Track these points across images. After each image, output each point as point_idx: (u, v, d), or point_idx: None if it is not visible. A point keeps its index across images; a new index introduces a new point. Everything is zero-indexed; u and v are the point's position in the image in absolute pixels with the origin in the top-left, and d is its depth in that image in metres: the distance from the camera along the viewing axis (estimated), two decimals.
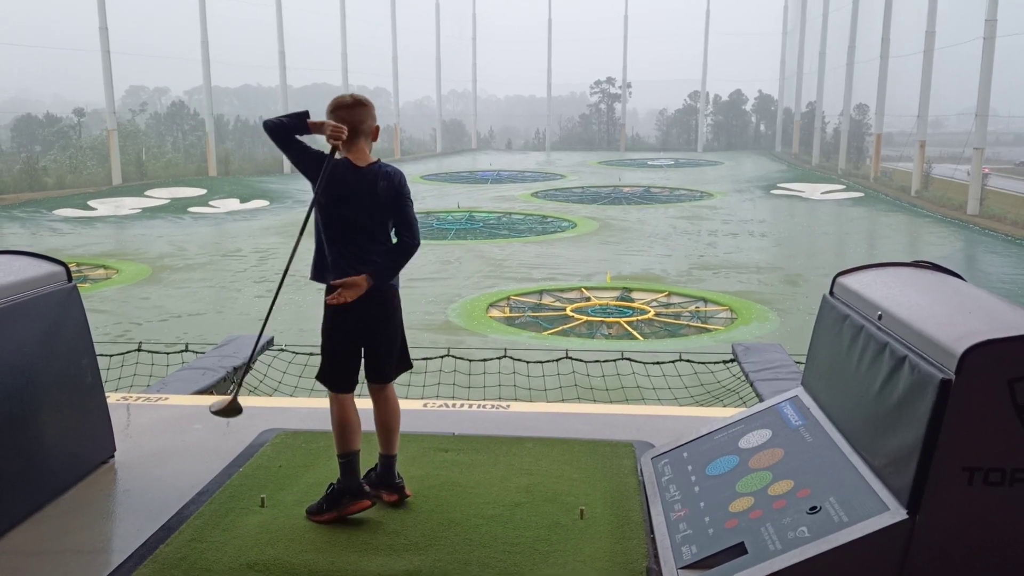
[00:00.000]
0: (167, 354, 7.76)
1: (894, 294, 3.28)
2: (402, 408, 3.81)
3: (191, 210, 25.13)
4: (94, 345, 4.19)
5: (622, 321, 11.55)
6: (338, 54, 42.73)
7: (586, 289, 13.61)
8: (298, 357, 7.23)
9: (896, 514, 2.62)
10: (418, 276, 14.02)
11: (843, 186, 31.35)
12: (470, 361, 7.61)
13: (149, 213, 24.49)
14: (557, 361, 7.50)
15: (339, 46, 42.75)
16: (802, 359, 4.40)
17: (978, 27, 23.26)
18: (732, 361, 7.69)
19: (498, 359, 7.64)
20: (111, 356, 7.06)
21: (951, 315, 2.91)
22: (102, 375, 4.30)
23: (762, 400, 5.62)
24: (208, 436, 4.63)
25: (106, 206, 25.59)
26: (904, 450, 2.66)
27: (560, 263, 16.10)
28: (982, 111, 23.10)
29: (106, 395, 4.32)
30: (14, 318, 3.58)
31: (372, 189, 3.54)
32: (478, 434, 4.60)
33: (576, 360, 7.55)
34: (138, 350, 7.61)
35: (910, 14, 30.48)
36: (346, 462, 3.58)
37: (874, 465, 2.88)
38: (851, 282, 3.60)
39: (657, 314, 12.05)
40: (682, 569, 2.94)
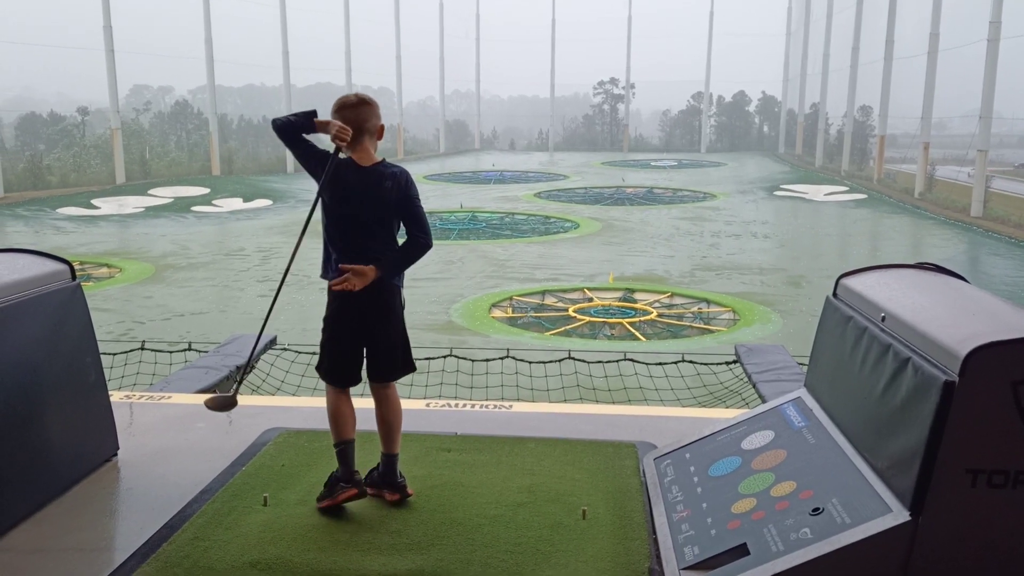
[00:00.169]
0: (170, 353, 7.79)
1: (897, 296, 3.27)
2: (404, 408, 3.83)
3: (194, 209, 25.15)
4: (97, 343, 4.21)
5: (625, 322, 11.54)
6: (342, 54, 42.73)
7: (589, 290, 13.60)
8: (301, 356, 7.23)
9: (899, 516, 2.62)
10: (421, 276, 14.00)
11: (846, 188, 31.26)
12: (472, 361, 7.62)
13: (152, 212, 24.51)
14: (560, 361, 7.50)
15: (343, 46, 42.74)
16: (805, 360, 4.40)
17: (982, 29, 23.21)
18: (735, 362, 7.70)
19: (500, 359, 7.65)
20: (114, 355, 7.06)
21: (955, 317, 2.91)
22: (105, 373, 4.31)
23: (765, 401, 5.63)
24: (211, 435, 4.64)
25: (110, 205, 25.61)
26: (907, 452, 2.66)
27: (563, 264, 16.09)
28: (986, 113, 23.05)
29: (109, 393, 4.33)
30: (18, 316, 3.59)
31: (376, 188, 3.56)
32: (480, 434, 4.61)
33: (579, 360, 7.55)
34: (141, 349, 7.63)
35: (914, 16, 30.47)
36: (340, 450, 3.65)
37: (877, 467, 2.87)
38: (854, 284, 3.60)
39: (660, 315, 12.03)
40: (684, 570, 2.94)
